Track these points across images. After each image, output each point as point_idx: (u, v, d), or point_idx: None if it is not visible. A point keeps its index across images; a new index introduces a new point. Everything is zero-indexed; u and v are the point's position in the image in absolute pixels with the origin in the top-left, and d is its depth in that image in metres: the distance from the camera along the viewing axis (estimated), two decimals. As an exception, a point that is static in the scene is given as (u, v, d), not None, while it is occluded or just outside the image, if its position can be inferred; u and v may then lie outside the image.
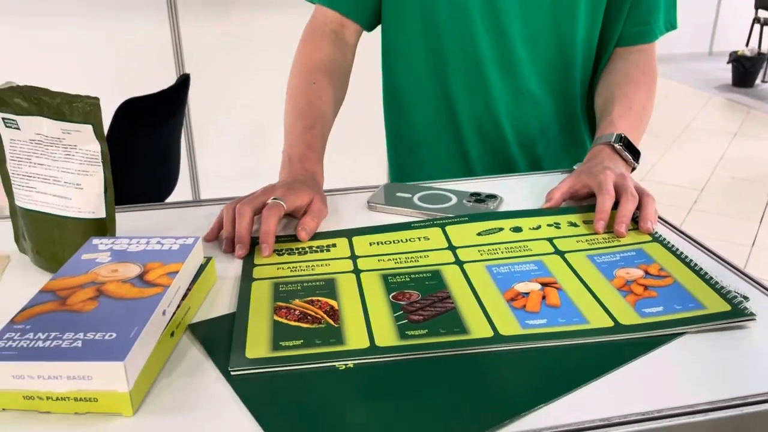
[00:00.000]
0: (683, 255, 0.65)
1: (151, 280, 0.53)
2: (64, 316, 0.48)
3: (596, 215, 0.71)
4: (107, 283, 0.53)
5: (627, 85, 0.94)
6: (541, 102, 0.98)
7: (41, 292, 0.52)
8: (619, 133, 0.84)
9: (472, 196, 0.80)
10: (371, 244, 0.69)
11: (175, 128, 2.02)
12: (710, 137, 4.31)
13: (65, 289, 0.52)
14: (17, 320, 0.48)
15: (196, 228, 0.75)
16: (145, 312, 0.49)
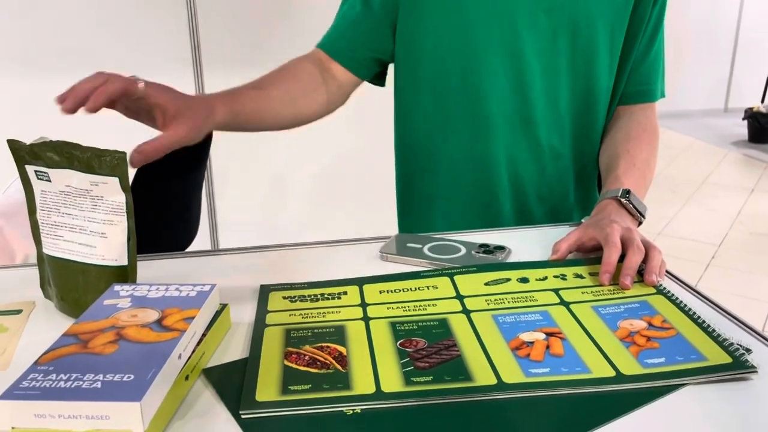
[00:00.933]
0: (687, 307, 0.67)
1: (168, 325, 0.56)
2: (85, 359, 0.50)
3: (602, 267, 0.73)
4: (127, 328, 0.55)
5: (629, 143, 0.97)
6: (561, 156, 1.01)
7: (64, 336, 0.54)
8: (625, 188, 0.87)
9: (480, 247, 0.82)
10: (381, 292, 0.71)
11: (197, 180, 2.07)
12: (727, 192, 4.30)
13: (87, 332, 0.55)
14: (41, 362, 0.50)
15: (213, 277, 0.78)
16: (162, 355, 0.51)
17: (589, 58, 0.95)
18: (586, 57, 0.95)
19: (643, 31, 0.98)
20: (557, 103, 0.97)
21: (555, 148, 0.99)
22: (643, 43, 1.00)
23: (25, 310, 0.68)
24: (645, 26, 0.98)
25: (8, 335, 0.63)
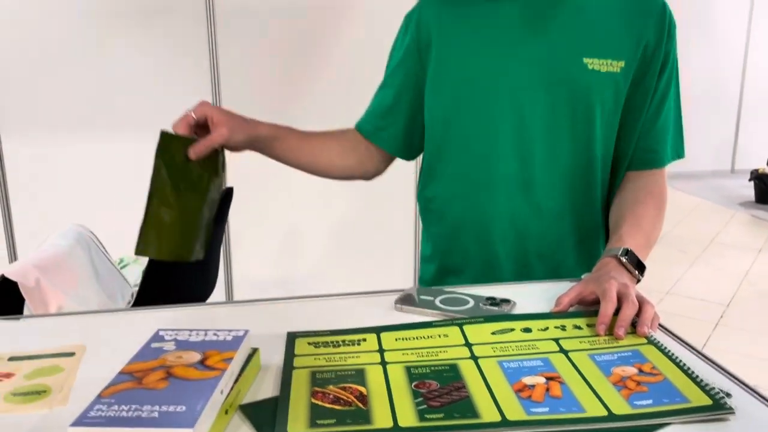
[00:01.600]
0: (674, 356, 0.73)
1: (210, 364, 0.63)
2: (142, 393, 0.58)
3: (599, 319, 0.80)
4: (174, 367, 0.63)
5: (636, 205, 1.04)
6: (561, 217, 1.08)
7: (120, 374, 0.62)
8: (625, 248, 0.94)
9: (488, 300, 0.90)
10: (397, 339, 0.79)
11: (217, 236, 2.17)
12: (735, 252, 4.35)
13: (140, 371, 0.62)
14: (104, 395, 0.58)
15: (241, 324, 0.85)
16: (207, 390, 0.58)
17: (587, 128, 1.04)
18: (585, 127, 1.04)
19: (649, 102, 1.05)
20: (557, 167, 1.05)
21: (554, 210, 1.08)
22: (650, 113, 1.06)
23: (78, 352, 0.76)
24: (650, 98, 1.05)
25: (65, 374, 0.70)
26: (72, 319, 0.91)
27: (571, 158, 1.06)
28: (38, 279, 1.37)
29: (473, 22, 1.05)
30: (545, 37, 1.01)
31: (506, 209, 1.07)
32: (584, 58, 1.00)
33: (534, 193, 1.06)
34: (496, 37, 1.03)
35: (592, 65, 0.99)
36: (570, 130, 1.04)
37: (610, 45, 1.00)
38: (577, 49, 1.00)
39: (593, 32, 1.01)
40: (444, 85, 1.07)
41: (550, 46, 1.01)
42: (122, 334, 0.82)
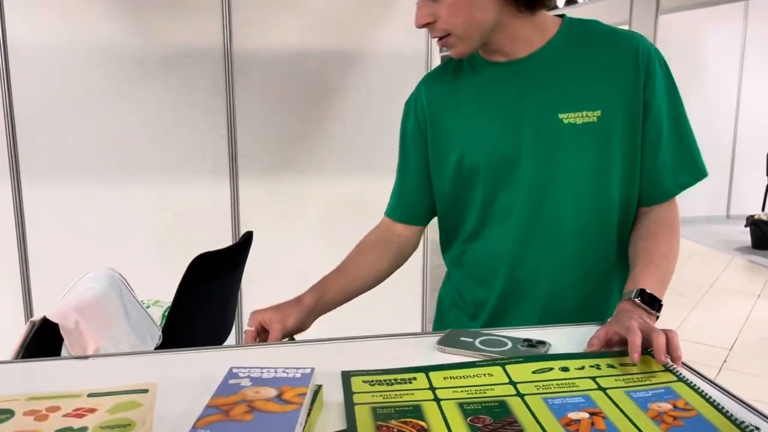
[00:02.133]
0: (704, 393, 0.80)
1: (287, 399, 0.69)
2: (231, 424, 0.64)
3: (630, 348, 0.86)
4: (255, 401, 0.69)
5: (647, 240, 1.10)
6: (570, 266, 1.14)
7: (208, 407, 0.68)
8: (639, 289, 1.00)
9: (525, 342, 0.96)
10: (445, 378, 0.85)
11: (236, 279, 2.23)
12: (735, 297, 4.41)
13: (225, 404, 0.68)
14: (198, 426, 0.64)
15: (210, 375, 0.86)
16: (290, 422, 0.64)
17: (582, 178, 1.09)
18: (578, 177, 1.09)
19: (642, 144, 1.09)
20: (565, 219, 1.11)
21: (565, 258, 1.13)
22: (647, 152, 1.10)
23: (151, 389, 0.81)
24: (642, 140, 1.09)
25: (144, 409, 0.76)
26: (133, 359, 0.97)
27: (574, 209, 1.10)
28: (77, 321, 1.42)
29: (460, 96, 1.15)
30: (524, 99, 1.09)
31: (529, 261, 1.14)
32: (559, 114, 1.06)
33: (544, 245, 1.12)
34: (481, 106, 1.12)
35: (567, 119, 1.06)
36: (566, 182, 1.09)
37: (585, 97, 1.06)
38: (552, 106, 1.07)
39: (568, 87, 1.07)
40: (441, 162, 1.18)
41: (529, 107, 1.08)
42: (185, 372, 0.88)
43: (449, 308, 1.30)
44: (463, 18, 1.04)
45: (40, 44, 2.75)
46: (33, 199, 2.81)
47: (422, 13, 1.06)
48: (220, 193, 2.99)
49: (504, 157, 1.10)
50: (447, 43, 1.08)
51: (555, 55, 1.09)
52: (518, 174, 1.10)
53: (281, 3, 2.93)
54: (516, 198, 1.12)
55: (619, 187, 1.11)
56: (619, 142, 1.08)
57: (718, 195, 7.03)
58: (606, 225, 1.13)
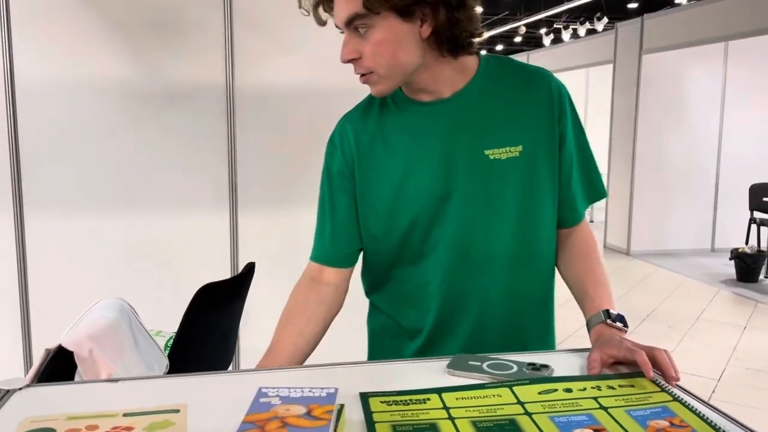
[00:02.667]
0: (698, 411, 0.86)
1: (317, 415, 0.75)
2: (268, 437, 0.69)
3: (644, 368, 0.94)
4: (287, 417, 0.74)
5: (584, 262, 1.20)
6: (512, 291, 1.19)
7: (244, 423, 0.73)
8: (604, 310, 1.10)
9: (529, 365, 1.02)
10: (457, 398, 0.90)
11: (238, 310, 2.27)
12: (721, 329, 4.49)
13: (260, 420, 0.74)
14: (237, 438, 0.69)
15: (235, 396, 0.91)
16: (321, 435, 0.70)
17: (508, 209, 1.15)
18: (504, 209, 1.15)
19: (558, 174, 1.17)
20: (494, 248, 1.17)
21: (500, 286, 1.18)
22: (563, 181, 1.19)
23: (182, 409, 0.86)
24: (559, 170, 1.17)
25: (177, 427, 0.81)
26: (157, 382, 1.02)
27: (503, 239, 1.16)
28: (92, 349, 1.46)
29: (388, 133, 1.17)
30: (452, 137, 1.13)
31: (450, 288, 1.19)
32: (485, 150, 1.12)
33: (475, 275, 1.17)
34: (411, 144, 1.15)
35: (492, 155, 1.12)
36: (495, 215, 1.15)
37: (506, 133, 1.13)
38: (478, 143, 1.12)
39: (491, 125, 1.13)
40: (372, 199, 1.18)
41: (457, 144, 1.13)
42: (210, 393, 0.93)
43: (382, 336, 1.32)
44: (387, 58, 1.06)
45: (47, 78, 2.82)
46: (35, 230, 2.85)
47: (348, 49, 1.07)
48: (220, 224, 3.05)
49: (436, 193, 1.14)
50: (369, 80, 1.10)
51: (477, 94, 1.14)
52: (450, 208, 1.14)
53: (283, 42, 3.03)
54: (448, 231, 1.15)
55: (544, 216, 1.18)
56: (540, 173, 1.15)
57: (703, 229, 7.17)
58: (535, 253, 1.20)
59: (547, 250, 1.22)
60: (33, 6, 2.77)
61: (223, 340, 2.24)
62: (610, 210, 7.55)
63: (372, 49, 1.06)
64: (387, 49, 1.06)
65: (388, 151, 1.17)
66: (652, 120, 6.91)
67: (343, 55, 1.08)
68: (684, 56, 6.78)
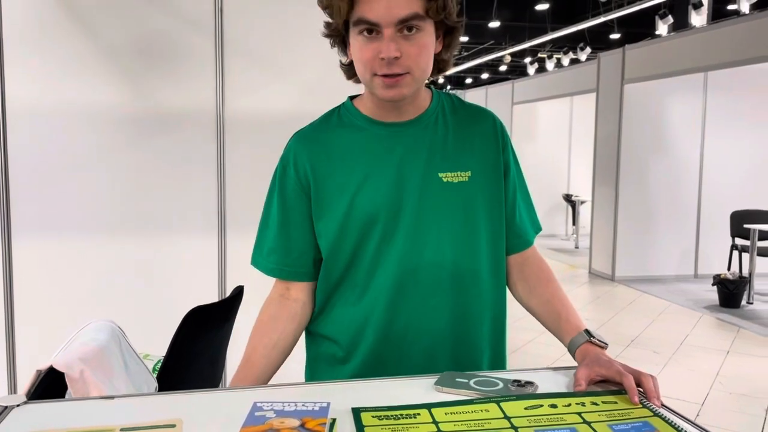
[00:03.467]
0: (676, 424, 0.89)
1: (310, 428, 0.77)
2: (264, 447, 0.72)
3: (630, 393, 0.98)
4: (282, 430, 0.77)
5: (547, 287, 1.26)
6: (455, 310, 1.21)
7: (240, 433, 0.75)
8: (585, 330, 1.16)
9: (514, 382, 1.05)
10: (446, 413, 0.93)
11: (227, 333, 2.28)
12: (705, 354, 4.54)
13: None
14: (234, 448, 0.71)
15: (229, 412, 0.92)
16: (315, 446, 0.72)
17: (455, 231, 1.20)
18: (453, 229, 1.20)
19: (504, 200, 1.24)
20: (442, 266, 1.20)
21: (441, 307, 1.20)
22: (509, 207, 1.25)
23: (177, 424, 0.88)
24: (504, 197, 1.24)
25: (174, 441, 0.83)
26: (151, 399, 1.03)
27: (448, 258, 1.19)
28: (82, 370, 1.47)
29: (344, 152, 1.20)
30: (410, 158, 1.18)
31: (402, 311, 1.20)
32: (439, 173, 1.19)
33: (420, 293, 1.19)
34: (369, 162, 1.18)
35: (446, 178, 1.19)
36: (442, 234, 1.19)
37: (458, 160, 1.20)
38: (433, 166, 1.18)
39: (444, 150, 1.20)
40: (327, 215, 1.20)
41: (414, 166, 1.18)
42: (204, 410, 0.95)
43: (318, 362, 1.30)
44: (426, 62, 1.13)
45: (38, 103, 2.85)
46: (23, 253, 2.85)
47: (393, 47, 1.08)
48: (209, 248, 3.06)
49: (391, 211, 1.18)
50: (401, 81, 1.11)
51: (433, 121, 1.22)
52: (401, 225, 1.18)
53: (272, 70, 3.09)
54: (398, 248, 1.18)
55: (486, 239, 1.22)
56: (485, 198, 1.22)
57: (686, 255, 7.26)
58: (480, 272, 1.22)
59: (490, 270, 1.24)
60: (25, 31, 2.81)
61: (211, 363, 2.24)
62: (594, 236, 7.63)
63: (417, 50, 1.10)
64: (427, 53, 1.13)
65: (344, 168, 1.19)
66: (634, 147, 7.03)
67: (390, 51, 1.08)
68: (665, 86, 6.94)
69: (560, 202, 10.66)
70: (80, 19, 2.89)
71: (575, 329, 1.17)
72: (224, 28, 3.04)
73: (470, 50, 15.13)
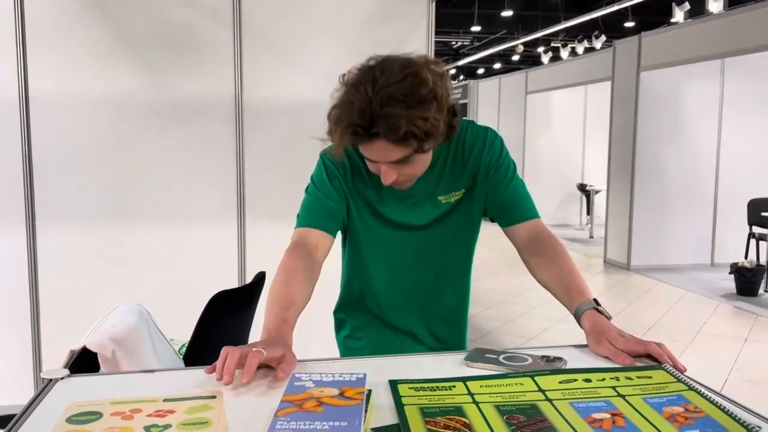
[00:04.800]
0: (712, 399, 0.90)
1: (349, 395, 0.79)
2: (307, 414, 0.73)
3: (661, 357, 1.06)
4: (323, 397, 0.78)
5: (557, 262, 1.30)
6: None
7: (283, 401, 0.77)
8: (593, 298, 1.19)
9: (543, 357, 1.06)
10: (481, 386, 0.95)
11: (249, 318, 2.31)
12: (722, 342, 4.53)
13: (297, 400, 0.78)
14: (279, 415, 0.73)
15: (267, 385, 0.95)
16: (356, 413, 0.74)
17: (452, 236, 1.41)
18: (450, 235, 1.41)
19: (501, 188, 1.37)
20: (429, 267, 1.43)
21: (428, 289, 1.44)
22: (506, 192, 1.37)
23: (218, 395, 0.90)
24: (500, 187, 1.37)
25: (216, 411, 0.85)
26: (188, 373, 1.06)
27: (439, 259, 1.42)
28: (114, 351, 1.50)
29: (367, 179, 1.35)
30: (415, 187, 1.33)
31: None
32: (438, 196, 1.36)
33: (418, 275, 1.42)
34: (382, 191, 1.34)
35: (444, 200, 1.37)
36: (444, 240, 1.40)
37: (453, 182, 1.37)
38: (434, 191, 1.36)
39: (443, 177, 1.36)
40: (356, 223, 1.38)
41: (418, 192, 1.35)
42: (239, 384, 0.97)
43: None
44: (425, 166, 1.27)
45: (60, 93, 2.88)
46: (47, 240, 2.89)
47: (389, 176, 1.22)
48: (228, 235, 3.09)
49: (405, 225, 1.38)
50: (405, 184, 1.28)
51: (436, 156, 1.33)
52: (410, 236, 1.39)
53: (291, 59, 3.10)
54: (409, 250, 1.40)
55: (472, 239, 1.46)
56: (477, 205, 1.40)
57: (702, 243, 7.22)
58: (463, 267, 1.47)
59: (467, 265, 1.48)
60: (47, 21, 2.84)
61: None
62: (609, 225, 7.60)
63: (413, 171, 1.24)
64: (425, 162, 1.26)
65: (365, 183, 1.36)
66: (650, 135, 6.99)
67: (387, 180, 1.23)
68: (681, 73, 6.88)
69: (574, 192, 10.61)
70: (101, 10, 2.92)
71: (582, 296, 1.20)
72: (242, 17, 3.05)
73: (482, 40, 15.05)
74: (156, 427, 0.79)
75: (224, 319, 2.14)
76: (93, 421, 0.81)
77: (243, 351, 0.97)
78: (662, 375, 0.99)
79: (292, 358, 1.02)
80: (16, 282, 2.88)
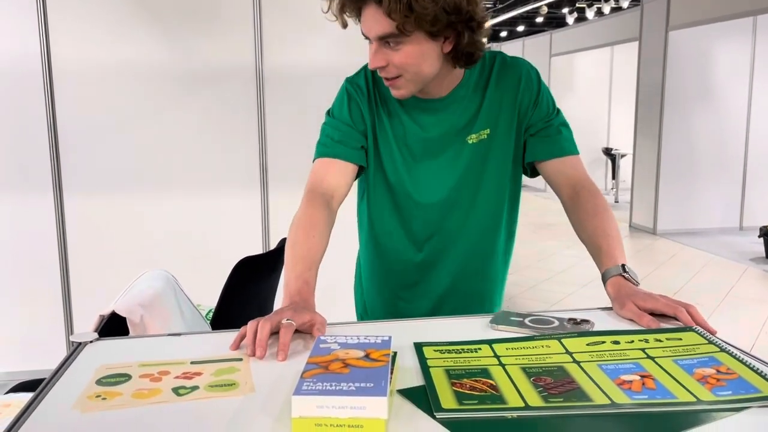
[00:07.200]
0: (744, 360, 0.88)
1: (375, 357, 0.79)
2: (333, 375, 0.73)
3: (686, 321, 1.04)
4: (348, 359, 0.78)
5: (593, 220, 1.25)
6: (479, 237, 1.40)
7: (309, 363, 0.77)
8: (622, 265, 1.15)
9: (570, 320, 1.05)
10: (507, 348, 0.94)
11: (274, 283, 2.33)
12: (751, 305, 4.47)
13: (323, 362, 0.78)
14: (305, 376, 0.73)
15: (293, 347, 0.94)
16: (382, 374, 0.74)
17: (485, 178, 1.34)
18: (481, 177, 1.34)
19: (538, 123, 1.32)
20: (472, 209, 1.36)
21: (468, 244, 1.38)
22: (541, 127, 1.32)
23: (245, 358, 0.91)
24: (538, 121, 1.32)
25: (243, 373, 0.86)
26: (214, 336, 1.06)
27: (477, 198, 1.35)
28: (142, 316, 1.52)
29: (391, 109, 1.31)
30: (443, 127, 1.31)
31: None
32: (466, 137, 1.31)
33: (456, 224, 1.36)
34: (408, 126, 1.31)
35: (471, 140, 1.31)
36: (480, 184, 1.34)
37: (477, 123, 1.31)
38: (462, 132, 1.31)
39: (470, 116, 1.31)
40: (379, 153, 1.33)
41: (447, 132, 1.31)
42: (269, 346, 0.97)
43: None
44: (414, 68, 1.19)
45: (82, 61, 2.88)
46: (74, 209, 2.93)
47: (377, 58, 1.18)
48: (252, 202, 3.10)
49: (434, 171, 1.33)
50: (395, 84, 1.21)
51: (462, 94, 1.30)
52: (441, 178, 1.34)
53: (310, 22, 3.06)
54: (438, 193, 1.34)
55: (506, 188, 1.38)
56: (501, 150, 1.33)
57: (730, 207, 7.09)
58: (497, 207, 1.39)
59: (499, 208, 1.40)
60: (68, -10, 2.83)
61: (260, 312, 2.28)
62: (635, 189, 7.49)
63: (400, 60, 1.17)
64: (413, 61, 1.18)
65: (391, 120, 1.31)
66: (678, 97, 6.83)
67: (372, 63, 1.19)
68: (711, 32, 6.68)
69: (600, 156, 10.46)
70: (119, -25, 2.90)
71: (612, 262, 1.17)
72: (261, -19, 3.01)
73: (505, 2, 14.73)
74: (184, 389, 0.80)
75: (249, 285, 2.15)
76: (122, 383, 0.82)
77: (272, 322, 0.97)
78: (693, 337, 0.97)
79: (321, 319, 1.03)
80: (45, 250, 2.94)
